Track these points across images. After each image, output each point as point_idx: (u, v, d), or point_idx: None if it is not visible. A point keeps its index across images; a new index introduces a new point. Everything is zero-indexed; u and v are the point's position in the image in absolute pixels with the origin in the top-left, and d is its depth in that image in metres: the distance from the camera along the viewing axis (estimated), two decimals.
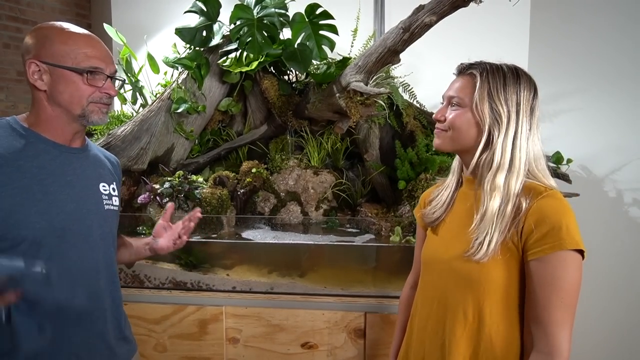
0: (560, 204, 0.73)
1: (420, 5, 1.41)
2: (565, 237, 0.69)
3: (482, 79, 0.78)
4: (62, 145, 0.84)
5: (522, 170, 0.76)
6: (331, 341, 1.48)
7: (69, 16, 3.11)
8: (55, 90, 0.79)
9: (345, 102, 1.66)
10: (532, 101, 0.79)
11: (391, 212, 1.75)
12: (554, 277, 0.69)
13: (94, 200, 0.88)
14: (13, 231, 0.73)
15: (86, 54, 0.80)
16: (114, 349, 0.90)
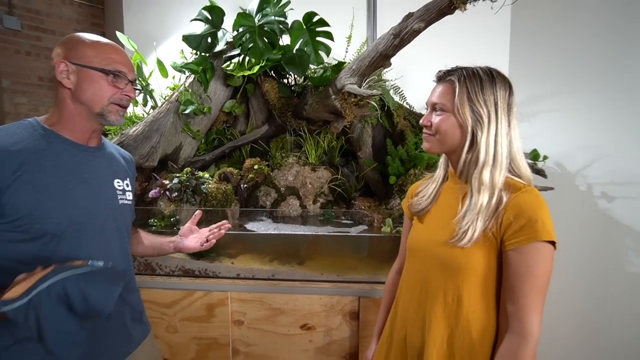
0: (536, 200, 0.74)
1: (409, 13, 1.41)
2: (541, 230, 0.70)
3: (460, 84, 0.80)
4: (80, 145, 0.84)
5: (505, 163, 0.77)
6: (328, 323, 1.50)
7: (84, 25, 3.11)
8: (80, 88, 0.80)
9: (340, 104, 1.66)
10: (509, 99, 0.80)
11: (383, 205, 1.76)
12: (529, 266, 0.71)
13: (108, 195, 0.88)
14: (36, 225, 0.73)
15: (113, 58, 0.82)
16: (129, 330, 0.91)
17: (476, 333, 0.77)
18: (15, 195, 0.71)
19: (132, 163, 1.04)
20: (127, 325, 0.91)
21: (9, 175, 0.71)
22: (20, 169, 0.72)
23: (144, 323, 1.00)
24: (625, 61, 1.78)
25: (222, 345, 1.53)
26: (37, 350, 0.71)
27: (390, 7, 2.15)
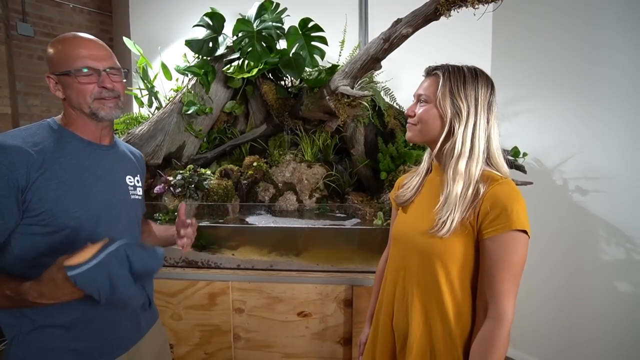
0: (512, 191, 0.71)
1: (398, 19, 1.36)
2: (515, 219, 0.68)
3: (444, 78, 0.77)
4: (94, 143, 0.81)
5: (481, 157, 0.75)
6: (323, 310, 1.46)
7: (93, 31, 3.00)
8: (67, 96, 0.76)
9: (334, 104, 1.61)
10: (490, 97, 0.77)
11: (374, 200, 1.72)
12: (505, 254, 0.69)
13: (121, 190, 0.86)
14: (58, 220, 0.72)
15: (76, 55, 0.74)
16: (138, 316, 0.88)
17: (453, 315, 0.75)
18: (39, 192, 0.69)
19: (142, 160, 1.01)
20: (138, 312, 0.87)
21: (33, 173, 0.69)
22: (42, 167, 0.70)
23: (153, 310, 0.96)
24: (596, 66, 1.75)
25: (224, 332, 1.48)
26: (54, 334, 0.72)
27: (381, 13, 2.09)
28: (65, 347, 0.73)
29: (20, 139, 0.71)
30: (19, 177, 0.67)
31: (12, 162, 0.67)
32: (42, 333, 0.72)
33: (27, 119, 2.77)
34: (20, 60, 2.71)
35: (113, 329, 0.80)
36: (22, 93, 2.73)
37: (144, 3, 2.23)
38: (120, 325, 0.82)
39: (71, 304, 0.66)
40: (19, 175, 0.67)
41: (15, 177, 0.67)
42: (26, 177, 0.68)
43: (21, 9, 2.67)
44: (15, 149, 0.68)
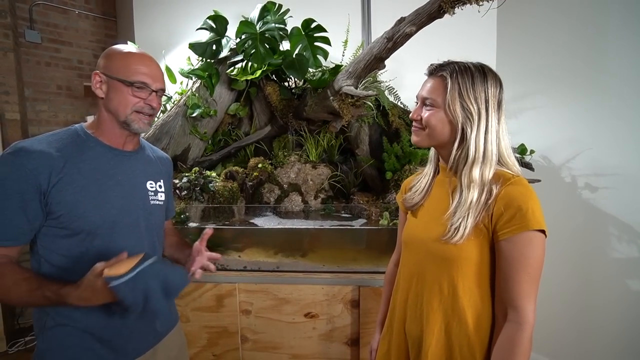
0: (525, 190, 0.69)
1: (401, 18, 1.35)
2: (531, 219, 0.66)
3: (452, 80, 0.74)
4: (116, 149, 0.84)
5: (494, 160, 0.73)
6: (330, 311, 1.46)
7: (99, 37, 3.05)
8: (108, 98, 0.80)
9: (338, 104, 1.61)
10: (499, 96, 0.75)
11: (380, 200, 1.71)
12: (522, 255, 0.67)
13: (140, 196, 0.87)
14: (74, 223, 0.75)
15: (137, 69, 0.80)
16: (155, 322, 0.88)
17: (472, 322, 0.73)
18: (58, 195, 0.73)
19: (169, 163, 1.03)
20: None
21: (54, 177, 0.72)
22: (62, 171, 0.73)
23: (173, 314, 0.97)
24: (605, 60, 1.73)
25: (231, 333, 1.49)
26: (73, 333, 0.76)
27: (384, 12, 2.09)
28: (82, 345, 0.77)
29: (46, 144, 0.74)
30: (41, 181, 0.71)
31: (35, 165, 0.70)
32: (62, 331, 0.76)
33: (35, 124, 2.81)
34: (28, 66, 2.75)
35: (129, 332, 0.82)
36: (30, 99, 2.78)
37: (147, 7, 2.26)
38: (137, 328, 0.83)
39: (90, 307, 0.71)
40: (41, 179, 0.71)
41: (39, 181, 0.70)
42: (48, 180, 0.71)
43: (29, 17, 2.72)
44: (39, 153, 0.72)
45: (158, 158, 0.97)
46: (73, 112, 2.97)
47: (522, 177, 0.72)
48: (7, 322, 2.28)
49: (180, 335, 1.00)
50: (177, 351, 0.96)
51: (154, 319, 0.73)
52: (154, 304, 0.66)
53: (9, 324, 2.34)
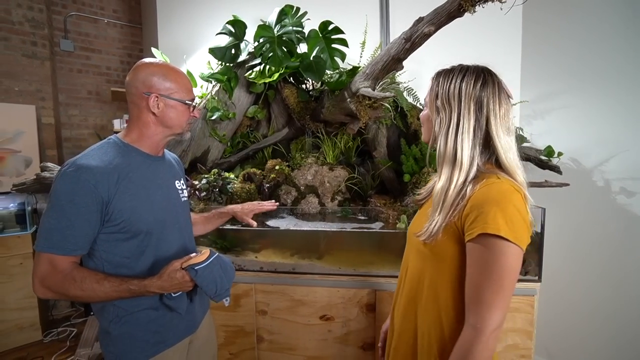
0: (497, 192, 0.65)
1: (420, 17, 1.33)
2: (489, 223, 0.62)
3: (434, 79, 0.76)
4: (152, 156, 0.93)
5: (466, 164, 0.69)
6: (345, 314, 1.46)
7: (126, 44, 3.20)
8: (166, 116, 0.89)
9: (355, 106, 1.61)
10: (479, 94, 0.70)
11: (397, 202, 1.69)
12: (483, 260, 0.64)
13: (175, 195, 0.98)
14: (134, 226, 0.84)
15: (188, 89, 0.92)
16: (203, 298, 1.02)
17: (432, 321, 0.73)
18: (118, 204, 0.81)
19: (180, 163, 1.13)
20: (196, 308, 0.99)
21: (112, 188, 0.81)
22: (118, 182, 0.82)
23: (205, 302, 1.08)
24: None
25: (247, 333, 1.52)
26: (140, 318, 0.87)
27: (402, 12, 2.06)
28: (149, 328, 0.88)
29: (99, 160, 0.82)
30: (102, 194, 0.79)
31: (97, 181, 0.79)
32: (132, 317, 0.87)
33: (67, 127, 2.99)
34: (62, 74, 2.94)
35: (180, 317, 0.93)
36: (63, 104, 2.96)
37: (170, 14, 2.35)
38: (186, 314, 0.94)
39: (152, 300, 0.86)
40: (102, 192, 0.79)
41: (100, 194, 0.79)
42: (107, 192, 0.80)
43: (63, 27, 2.90)
44: (98, 169, 0.80)
45: (174, 159, 1.08)
46: (102, 116, 3.13)
47: (506, 181, 0.67)
48: (42, 313, 2.44)
49: (210, 320, 1.11)
50: (209, 332, 1.09)
51: (221, 300, 0.85)
52: (223, 285, 0.83)
53: (44, 315, 2.49)
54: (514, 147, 0.72)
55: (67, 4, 2.93)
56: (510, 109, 0.72)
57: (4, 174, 2.47)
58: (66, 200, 0.77)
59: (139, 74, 0.87)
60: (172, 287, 0.80)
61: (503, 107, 0.71)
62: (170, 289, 0.81)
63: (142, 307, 0.87)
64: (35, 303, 2.36)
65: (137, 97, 0.87)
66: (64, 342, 2.37)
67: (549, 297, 1.83)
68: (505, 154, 0.70)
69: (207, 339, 1.07)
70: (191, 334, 0.98)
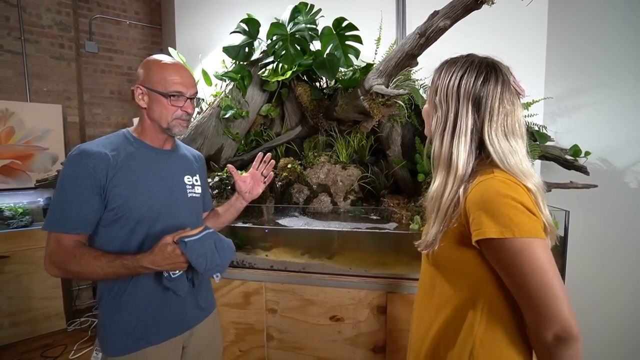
0: (489, 189, 0.59)
1: (435, 11, 1.29)
2: (486, 224, 0.57)
3: (437, 73, 0.71)
4: (158, 149, 0.96)
5: (461, 170, 0.63)
6: (356, 315, 1.43)
7: (146, 44, 3.30)
8: (150, 109, 0.91)
9: (368, 104, 1.58)
10: (478, 90, 0.63)
11: (411, 203, 1.64)
12: (504, 264, 0.58)
13: (180, 189, 0.98)
14: (127, 214, 0.86)
15: (172, 81, 0.90)
16: (198, 301, 1.01)
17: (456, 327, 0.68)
18: (114, 190, 0.84)
19: (201, 160, 1.14)
20: (196, 296, 1.00)
21: (110, 174, 0.84)
22: (116, 168, 0.85)
23: (210, 298, 1.09)
24: None
25: (257, 331, 1.53)
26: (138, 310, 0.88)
27: (419, 7, 2.01)
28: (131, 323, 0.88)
29: (101, 146, 0.86)
30: (100, 177, 0.82)
31: (95, 164, 0.82)
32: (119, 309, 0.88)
33: (91, 126, 3.12)
34: (87, 74, 3.06)
35: (169, 312, 0.93)
36: (87, 104, 3.09)
37: (188, 15, 2.39)
38: (175, 314, 0.94)
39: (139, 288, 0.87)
40: (100, 175, 0.82)
41: (98, 177, 0.82)
42: (106, 177, 0.83)
43: (88, 29, 3.02)
44: (97, 154, 0.84)
45: (192, 155, 1.09)
46: (123, 115, 3.24)
47: (501, 175, 0.61)
48: (66, 303, 2.56)
49: (215, 322, 1.09)
50: (212, 335, 1.06)
51: (211, 275, 0.84)
52: (214, 260, 0.82)
53: (68, 305, 2.62)
54: (520, 150, 0.64)
55: (92, 7, 3.04)
56: (516, 110, 0.65)
57: (33, 170, 2.60)
58: (68, 182, 0.81)
59: (138, 69, 0.92)
60: (163, 261, 0.79)
61: (505, 108, 0.64)
62: (162, 263, 0.79)
63: (130, 300, 0.88)
64: (60, 293, 2.48)
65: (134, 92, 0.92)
66: (86, 332, 2.48)
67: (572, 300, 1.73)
68: (505, 159, 0.62)
69: (209, 344, 1.05)
70: (180, 335, 0.95)
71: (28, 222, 2.43)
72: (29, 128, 2.59)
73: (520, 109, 0.66)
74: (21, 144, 2.57)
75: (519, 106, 0.66)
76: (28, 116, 2.59)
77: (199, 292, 1.01)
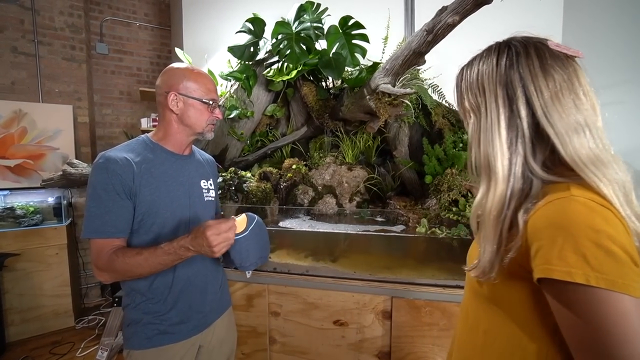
0: (563, 213, 0.43)
1: (443, 7, 1.24)
2: (555, 262, 0.42)
3: (458, 78, 0.60)
4: (178, 154, 0.97)
5: (502, 173, 0.50)
6: (360, 320, 1.40)
7: (155, 45, 3.33)
8: (185, 115, 0.92)
9: (374, 103, 1.54)
10: (506, 71, 0.52)
11: (418, 205, 1.60)
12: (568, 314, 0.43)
13: (197, 194, 1.00)
14: (150, 219, 0.88)
15: (209, 89, 0.94)
16: (218, 294, 1.05)
17: None
18: (139, 197, 0.86)
19: (213, 164, 1.15)
20: (216, 289, 1.04)
21: (137, 180, 0.86)
22: (140, 175, 0.87)
23: (227, 294, 1.12)
24: None
25: (260, 334, 1.50)
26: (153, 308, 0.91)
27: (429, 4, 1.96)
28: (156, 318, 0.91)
29: (124, 153, 0.88)
30: (129, 182, 0.85)
31: (123, 171, 0.84)
32: (144, 305, 0.91)
33: (101, 126, 3.16)
34: (97, 75, 3.11)
35: (195, 309, 0.96)
36: (97, 104, 3.13)
37: (195, 16, 2.40)
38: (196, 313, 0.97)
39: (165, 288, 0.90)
40: (129, 181, 0.85)
41: (127, 183, 0.85)
42: (132, 182, 0.85)
43: (99, 31, 3.07)
44: (123, 160, 0.86)
45: (205, 160, 1.10)
46: (132, 115, 3.28)
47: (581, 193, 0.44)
48: (75, 301, 2.59)
49: (230, 319, 1.12)
50: (226, 331, 1.08)
51: (243, 270, 0.85)
52: (249, 259, 0.83)
53: (77, 303, 2.65)
54: (588, 128, 0.49)
55: (103, 9, 3.09)
56: (573, 74, 0.50)
57: (44, 170, 2.65)
58: (101, 189, 0.83)
59: (164, 75, 0.93)
60: (196, 248, 0.79)
61: (555, 76, 0.50)
62: (203, 247, 0.78)
63: (155, 299, 0.90)
64: (69, 291, 2.51)
65: (161, 97, 0.92)
66: (93, 330, 2.50)
67: None
68: (569, 143, 0.47)
69: (223, 339, 1.07)
70: (199, 334, 0.98)
71: (39, 220, 2.47)
72: (41, 128, 2.64)
73: (580, 73, 0.52)
74: (33, 143, 2.62)
75: (575, 71, 0.51)
76: (40, 116, 2.63)
77: (222, 291, 1.07)
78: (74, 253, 2.75)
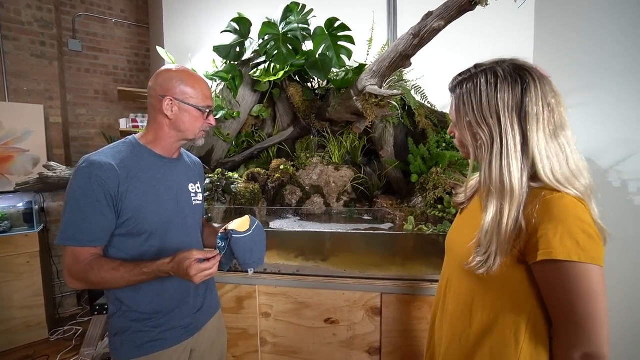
0: (558, 208, 0.55)
1: (429, 12, 1.29)
2: (557, 246, 0.54)
3: (456, 96, 0.66)
4: (166, 158, 0.94)
5: (517, 190, 0.58)
6: (351, 318, 1.42)
7: (133, 43, 3.22)
8: (180, 120, 0.89)
9: (361, 104, 1.57)
10: (522, 100, 0.59)
11: (405, 203, 1.64)
12: (562, 288, 0.55)
13: (185, 197, 0.97)
14: (139, 225, 0.85)
15: (205, 95, 0.91)
16: (205, 298, 1.03)
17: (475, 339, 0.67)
18: (125, 202, 0.83)
19: (200, 167, 1.12)
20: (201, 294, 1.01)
21: (122, 186, 0.83)
22: (126, 180, 0.83)
23: (215, 297, 1.10)
24: None
25: (251, 336, 1.49)
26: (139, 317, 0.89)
27: (411, 8, 2.02)
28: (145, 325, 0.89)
29: (111, 157, 0.84)
30: (112, 189, 0.81)
31: (107, 177, 0.81)
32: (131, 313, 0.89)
33: (75, 127, 3.02)
34: (70, 73, 2.96)
35: (185, 314, 0.95)
36: (71, 104, 2.98)
37: (176, 14, 2.34)
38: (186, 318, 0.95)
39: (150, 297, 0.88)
40: (112, 187, 0.81)
41: (110, 189, 0.81)
42: (117, 188, 0.82)
43: (72, 27, 2.92)
44: (108, 165, 0.82)
45: (193, 162, 1.08)
46: (109, 116, 3.15)
47: (564, 195, 0.57)
48: (49, 312, 2.45)
49: (219, 321, 1.10)
50: (216, 335, 1.07)
51: (246, 269, 0.85)
52: (252, 257, 0.83)
53: (50, 313, 2.51)
54: (569, 142, 0.60)
55: (75, 4, 2.95)
56: (557, 104, 0.60)
57: (13, 173, 2.50)
58: (80, 195, 0.80)
59: (159, 78, 0.89)
60: (176, 273, 0.78)
61: (550, 103, 0.59)
62: (179, 273, 0.78)
63: (142, 305, 0.88)
64: (42, 301, 2.38)
65: (154, 100, 0.89)
66: (70, 341, 2.38)
67: None
68: (550, 165, 0.58)
69: (214, 342, 1.06)
70: (190, 338, 0.96)
71: (7, 227, 2.33)
72: (8, 129, 2.49)
73: (561, 101, 0.61)
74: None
75: (559, 100, 0.61)
76: (7, 116, 2.48)
77: (209, 295, 1.04)
78: (48, 261, 2.61)
